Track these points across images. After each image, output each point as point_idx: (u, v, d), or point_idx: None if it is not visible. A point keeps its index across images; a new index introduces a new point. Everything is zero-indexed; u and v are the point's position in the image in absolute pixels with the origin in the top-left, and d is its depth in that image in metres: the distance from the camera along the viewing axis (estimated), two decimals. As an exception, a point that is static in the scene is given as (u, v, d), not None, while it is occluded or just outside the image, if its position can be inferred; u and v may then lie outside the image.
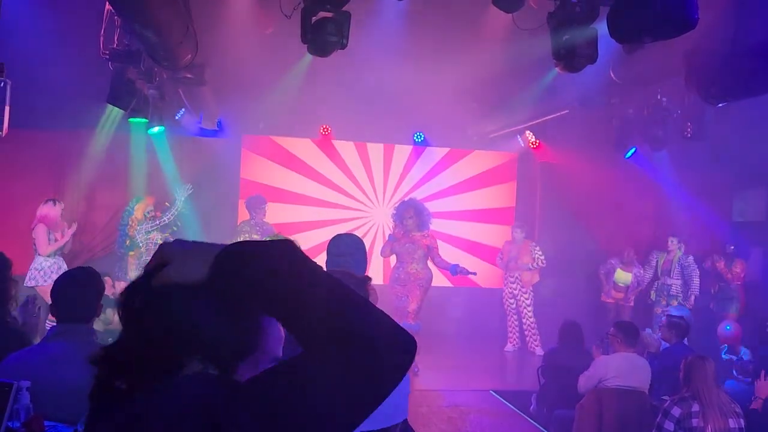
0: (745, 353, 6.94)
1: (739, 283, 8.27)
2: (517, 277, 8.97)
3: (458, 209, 10.31)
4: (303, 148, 10.02)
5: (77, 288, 2.70)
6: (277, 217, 9.43)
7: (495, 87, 7.78)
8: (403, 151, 10.33)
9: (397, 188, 10.15)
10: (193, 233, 8.04)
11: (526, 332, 9.03)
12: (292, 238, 0.98)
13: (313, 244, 9.07)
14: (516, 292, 8.97)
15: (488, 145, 10.43)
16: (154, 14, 3.98)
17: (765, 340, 6.66)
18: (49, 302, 2.80)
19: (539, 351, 8.79)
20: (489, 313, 9.76)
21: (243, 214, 8.95)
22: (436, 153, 10.38)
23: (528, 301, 8.95)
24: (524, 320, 9.01)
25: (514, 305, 9.05)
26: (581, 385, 5.06)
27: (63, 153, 8.22)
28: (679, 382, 4.37)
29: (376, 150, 10.28)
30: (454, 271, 7.65)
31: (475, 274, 7.88)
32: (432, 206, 8.25)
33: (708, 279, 8.53)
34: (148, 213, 7.85)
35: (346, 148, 10.17)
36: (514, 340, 9.18)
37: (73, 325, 2.62)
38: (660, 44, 4.35)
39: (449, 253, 9.47)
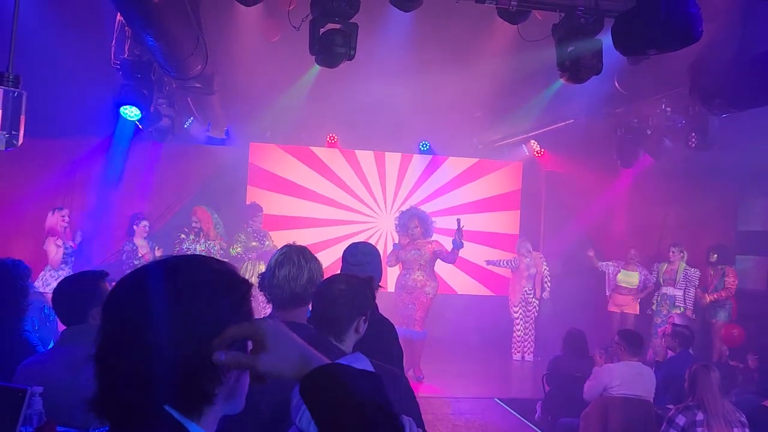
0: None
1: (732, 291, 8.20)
2: (532, 286, 9.04)
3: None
4: (309, 156, 10.11)
5: (73, 289, 2.76)
6: (282, 210, 9.72)
7: (501, 97, 7.83)
8: (407, 160, 10.40)
9: (408, 197, 10.19)
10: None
11: (525, 339, 9.09)
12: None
13: (315, 241, 9.32)
14: (531, 299, 9.04)
15: (494, 154, 10.50)
16: (165, 26, 4.04)
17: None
18: None
19: (528, 357, 9.07)
20: (494, 321, 9.78)
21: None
22: (440, 162, 10.45)
23: (536, 311, 9.02)
24: (527, 327, 9.07)
25: (522, 312, 9.10)
26: (587, 393, 5.08)
27: (76, 161, 8.31)
28: (684, 390, 4.39)
29: (381, 159, 10.35)
30: (457, 245, 7.56)
31: (459, 221, 7.62)
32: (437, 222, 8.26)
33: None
34: (218, 227, 8.01)
35: (352, 157, 10.25)
36: (519, 348, 9.22)
37: (78, 326, 2.68)
38: (665, 55, 4.39)
39: (453, 272, 9.58)
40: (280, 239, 7.60)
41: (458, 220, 7.64)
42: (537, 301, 9.05)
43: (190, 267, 1.07)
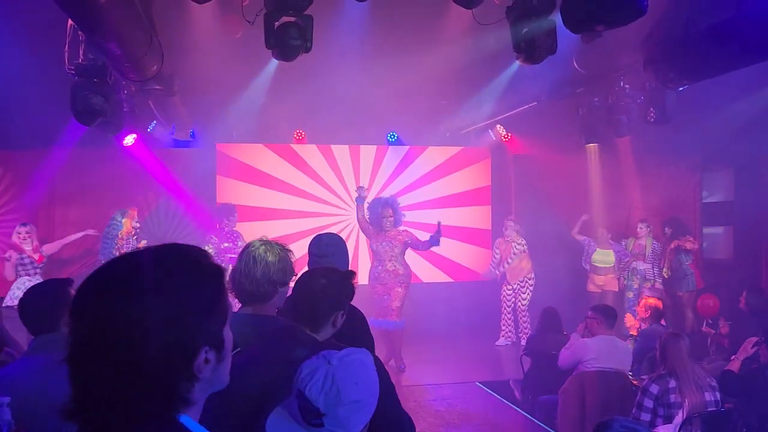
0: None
1: (691, 260, 8.33)
2: (503, 270, 9.10)
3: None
4: (281, 148, 10.05)
5: (40, 299, 2.72)
6: (254, 202, 9.69)
7: (463, 83, 7.86)
8: (381, 153, 10.41)
9: (382, 190, 10.13)
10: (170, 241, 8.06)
11: (521, 326, 9.14)
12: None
13: (288, 232, 9.36)
14: (516, 286, 9.09)
15: (462, 141, 10.54)
16: (114, 27, 3.97)
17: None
18: None
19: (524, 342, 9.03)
20: (473, 307, 9.84)
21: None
22: (414, 156, 10.48)
23: (525, 296, 9.06)
24: (519, 314, 9.14)
25: (512, 300, 9.16)
26: (562, 360, 5.14)
27: (34, 171, 8.16)
28: (656, 360, 4.48)
29: (356, 152, 10.34)
30: (434, 243, 7.59)
31: (440, 223, 7.69)
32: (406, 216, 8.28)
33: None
34: (135, 224, 7.89)
35: (325, 149, 10.21)
36: (508, 334, 9.27)
37: (48, 335, 2.65)
38: (619, 32, 4.44)
39: (430, 270, 9.72)
40: (252, 231, 7.53)
41: (438, 223, 7.65)
42: (516, 285, 9.05)
43: (165, 262, 1.01)
